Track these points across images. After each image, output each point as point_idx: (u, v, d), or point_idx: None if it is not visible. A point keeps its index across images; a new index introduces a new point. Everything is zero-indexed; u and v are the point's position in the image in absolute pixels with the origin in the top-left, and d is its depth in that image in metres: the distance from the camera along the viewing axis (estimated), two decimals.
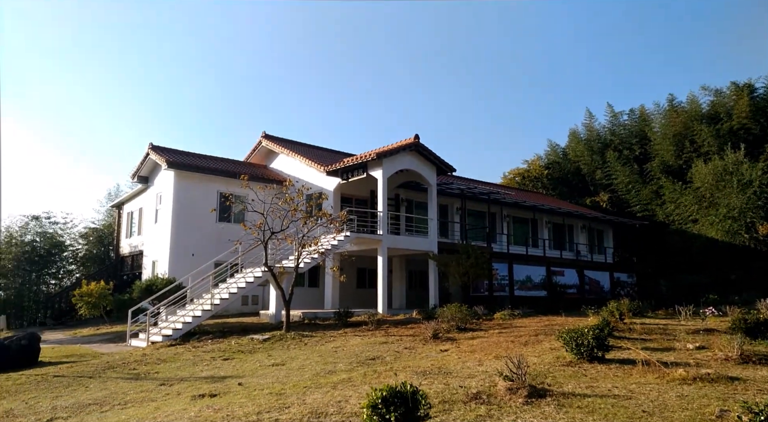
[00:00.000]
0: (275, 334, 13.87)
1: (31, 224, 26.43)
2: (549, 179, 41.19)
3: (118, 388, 9.11)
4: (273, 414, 6.17)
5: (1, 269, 24.88)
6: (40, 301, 25.18)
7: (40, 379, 10.30)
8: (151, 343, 14.19)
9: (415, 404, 4.65)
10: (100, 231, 29.77)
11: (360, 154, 20.05)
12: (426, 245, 20.35)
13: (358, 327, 15.00)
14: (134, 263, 24.94)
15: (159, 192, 22.54)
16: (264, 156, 25.84)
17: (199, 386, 8.70)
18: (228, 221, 21.87)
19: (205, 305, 15.67)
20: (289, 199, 15.58)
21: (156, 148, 22.13)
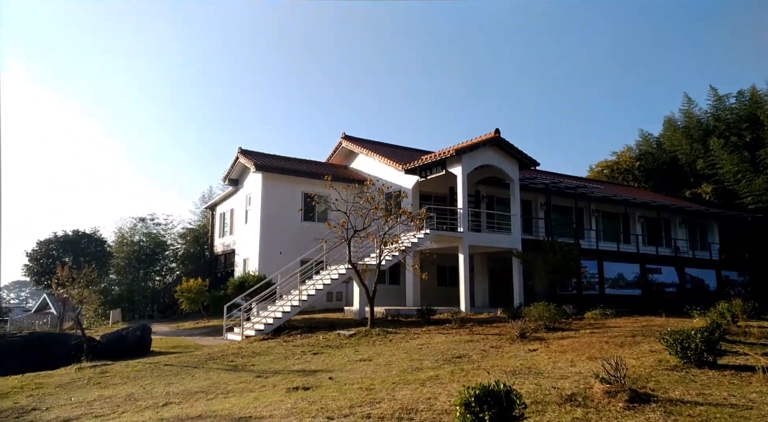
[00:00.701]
0: (360, 330, 14.24)
1: (138, 225, 28.92)
2: (641, 170, 38.86)
3: (219, 378, 9.79)
4: (365, 408, 6.39)
5: (116, 266, 27.41)
6: (147, 296, 27.42)
7: (153, 367, 11.29)
8: (245, 337, 15.05)
9: (510, 403, 4.64)
10: (196, 231, 31.89)
11: (438, 151, 20.05)
12: (509, 242, 19.97)
13: (442, 324, 15.05)
14: (227, 261, 26.53)
15: (248, 194, 23.80)
16: (344, 157, 26.51)
17: (292, 379, 9.15)
18: (312, 220, 22.69)
19: (294, 301, 16.38)
20: (370, 198, 15.92)
21: (245, 152, 23.39)
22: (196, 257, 30.58)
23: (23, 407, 8.26)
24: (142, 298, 26.80)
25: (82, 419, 7.17)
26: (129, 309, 25.92)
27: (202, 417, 6.72)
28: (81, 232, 26.78)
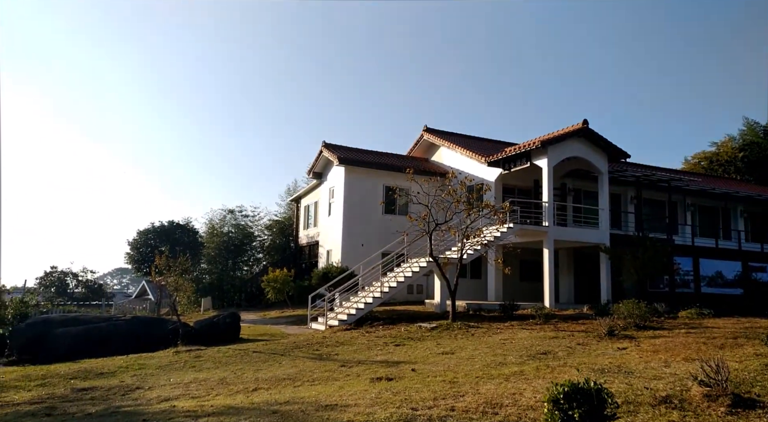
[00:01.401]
0: (442, 323, 14.17)
1: (227, 217, 30.52)
2: (745, 162, 35.59)
3: (305, 366, 10.10)
4: (448, 401, 6.33)
5: (207, 256, 29.13)
6: (236, 285, 28.89)
7: (243, 353, 11.87)
8: (328, 327, 15.45)
9: (601, 402, 4.42)
10: (281, 223, 33.14)
11: (523, 143, 19.43)
12: (596, 236, 19.04)
13: (525, 320, 14.64)
14: (311, 253, 27.37)
15: (331, 187, 24.38)
16: (425, 149, 26.42)
17: (375, 369, 9.26)
18: (393, 213, 22.84)
19: (375, 292, 16.59)
20: (452, 191, 15.74)
21: (329, 146, 23.97)
22: (281, 248, 31.76)
23: (128, 385, 8.97)
24: (230, 287, 28.26)
25: (180, 399, 7.65)
26: (219, 297, 27.44)
27: (290, 403, 6.95)
28: (175, 223, 28.67)
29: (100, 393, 8.41)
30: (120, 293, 52.97)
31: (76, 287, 28.22)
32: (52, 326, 13.95)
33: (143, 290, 39.87)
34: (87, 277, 29.88)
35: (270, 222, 33.27)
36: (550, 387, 4.72)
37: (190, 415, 6.41)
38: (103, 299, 31.62)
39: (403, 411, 6.01)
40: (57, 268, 28.47)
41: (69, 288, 27.77)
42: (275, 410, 6.52)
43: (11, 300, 16.54)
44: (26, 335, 13.53)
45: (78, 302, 27.56)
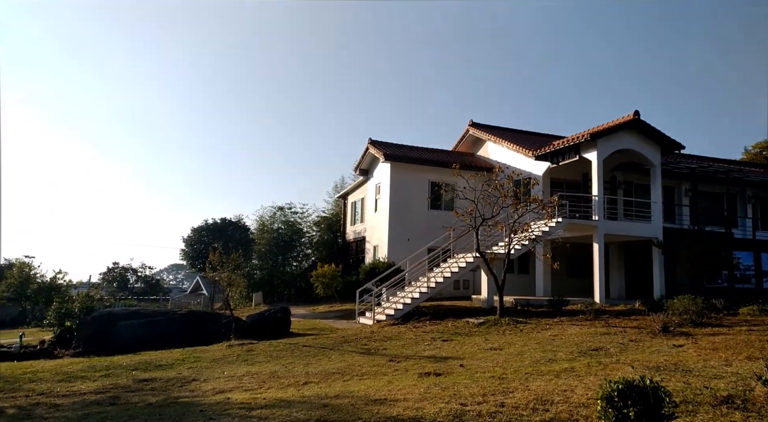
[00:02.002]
0: (489, 319, 14.05)
1: (277, 214, 31.20)
2: None
3: (354, 361, 10.24)
4: (498, 397, 6.30)
5: (258, 252, 29.90)
6: (285, 280, 29.54)
7: (293, 347, 12.15)
8: (376, 321, 15.60)
9: (658, 401, 4.29)
10: (329, 219, 33.59)
11: (571, 136, 18.94)
12: (648, 230, 18.37)
13: (575, 316, 14.32)
14: (358, 248, 27.65)
15: (377, 183, 24.54)
16: (471, 144, 26.17)
17: (423, 364, 9.29)
18: (439, 208, 22.78)
19: (422, 288, 16.62)
20: (499, 185, 15.55)
21: (374, 142, 24.12)
22: (329, 244, 32.17)
23: (185, 377, 9.35)
24: (280, 282, 28.90)
25: (234, 392, 7.92)
26: (269, 292, 28.12)
27: (340, 397, 7.07)
28: (228, 220, 29.55)
29: (160, 384, 8.82)
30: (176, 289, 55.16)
31: (136, 282, 29.60)
32: (115, 319, 14.70)
33: (197, 285, 41.36)
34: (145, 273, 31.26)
35: (318, 219, 33.77)
36: (603, 384, 4.62)
37: (244, 407, 6.64)
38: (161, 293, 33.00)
39: (452, 407, 6.02)
40: (118, 264, 29.94)
41: (129, 283, 29.16)
42: (325, 404, 6.66)
43: (78, 295, 17.54)
44: (91, 327, 14.31)
45: (138, 297, 28.90)
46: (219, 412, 6.38)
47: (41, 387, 8.97)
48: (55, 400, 7.88)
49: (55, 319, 15.69)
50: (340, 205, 31.85)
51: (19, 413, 7.15)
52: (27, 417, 6.85)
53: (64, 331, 14.91)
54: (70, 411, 7.06)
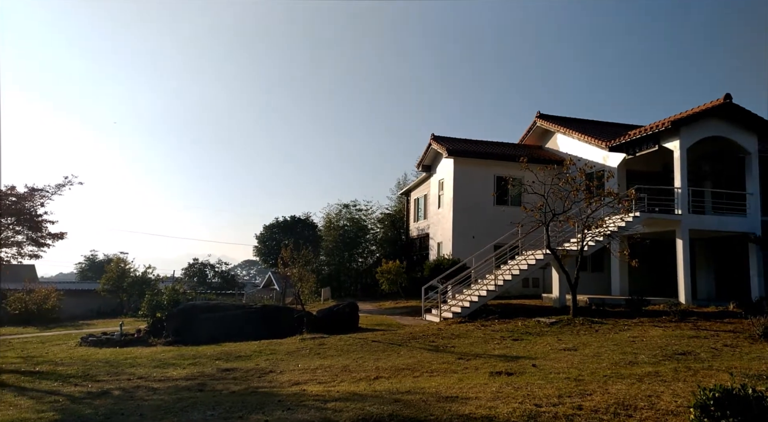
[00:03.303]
0: (562, 318, 13.59)
1: (342, 211, 31.72)
2: None
3: (422, 357, 10.23)
4: (574, 399, 6.08)
5: (325, 248, 30.55)
6: (352, 276, 30.00)
7: (362, 342, 12.30)
8: (443, 319, 15.48)
9: (763, 413, 3.95)
10: (392, 216, 33.75)
11: (650, 124, 17.90)
12: (743, 225, 17.06)
13: (657, 317, 13.56)
14: (421, 245, 27.59)
15: (441, 179, 24.35)
16: (539, 136, 25.38)
17: (493, 363, 9.13)
18: (505, 204, 22.28)
19: (489, 285, 16.32)
20: (570, 179, 14.97)
21: (437, 138, 23.93)
22: (393, 241, 32.35)
23: (263, 369, 9.70)
24: (347, 278, 29.37)
25: (309, 384, 8.13)
26: (336, 288, 28.65)
27: (411, 392, 7.09)
28: (297, 218, 30.36)
29: (240, 374, 9.21)
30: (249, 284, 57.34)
31: (213, 277, 31.08)
32: (198, 312, 15.51)
33: (269, 280, 42.82)
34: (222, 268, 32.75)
35: (382, 215, 34.01)
36: (697, 392, 4.34)
37: (318, 399, 6.79)
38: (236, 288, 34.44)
39: (526, 407, 5.88)
40: (198, 260, 31.57)
41: (207, 278, 30.68)
42: (397, 399, 6.69)
43: (165, 288, 18.71)
44: (178, 319, 15.19)
45: (215, 291, 30.36)
46: (296, 403, 6.56)
47: (140, 372, 9.66)
48: (152, 384, 8.45)
49: (148, 310, 16.90)
50: (403, 202, 31.89)
51: (123, 394, 7.73)
52: (130, 398, 7.38)
53: (156, 321, 15.98)
54: (166, 394, 7.53)
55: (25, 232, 12.84)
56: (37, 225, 12.89)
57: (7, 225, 12.49)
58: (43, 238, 13.18)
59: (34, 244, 13.07)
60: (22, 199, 12.55)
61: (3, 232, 12.51)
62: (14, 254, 13.03)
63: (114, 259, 32.93)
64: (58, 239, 13.60)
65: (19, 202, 12.54)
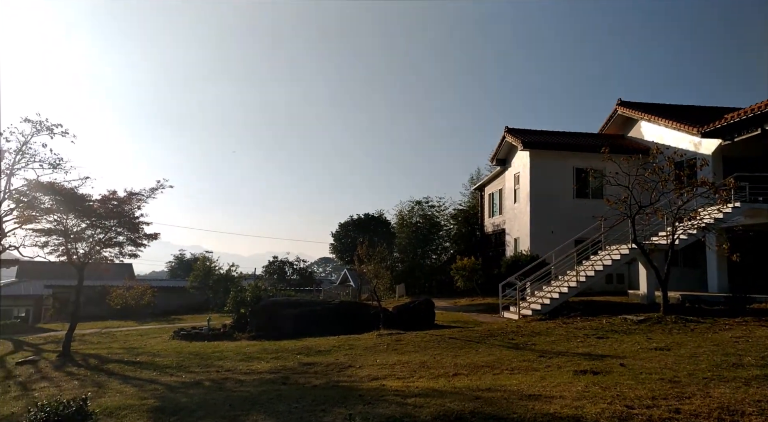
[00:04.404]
0: (651, 316, 12.80)
1: (415, 208, 31.72)
2: None
3: (502, 355, 10.01)
4: (671, 402, 5.70)
5: (399, 246, 30.69)
6: (426, 273, 29.91)
7: (439, 339, 12.23)
8: (521, 316, 15.10)
9: None
10: (466, 212, 33.32)
11: (750, 106, 16.38)
12: None
13: (763, 316, 12.43)
14: (497, 241, 27.03)
15: (516, 172, 23.72)
16: (620, 125, 24.07)
17: (577, 362, 8.76)
18: (586, 196, 21.35)
19: (570, 282, 15.70)
20: (657, 168, 14.05)
21: (511, 130, 23.33)
22: (467, 237, 31.92)
23: (342, 363, 9.89)
24: (421, 275, 29.32)
25: (387, 379, 8.19)
26: (410, 284, 28.69)
27: (492, 390, 6.95)
28: (370, 215, 30.70)
29: (321, 368, 9.45)
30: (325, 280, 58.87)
31: (292, 274, 32.19)
32: (279, 308, 16.12)
33: (345, 277, 43.73)
34: (300, 266, 33.85)
35: (455, 211, 33.66)
36: None
37: (398, 394, 6.82)
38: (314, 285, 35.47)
39: (616, 408, 5.58)
40: (277, 258, 32.85)
41: (286, 275, 31.84)
42: (477, 396, 6.59)
43: (248, 285, 19.63)
44: (261, 314, 15.87)
45: (294, 288, 31.44)
46: (376, 398, 6.63)
47: (227, 365, 10.19)
48: (239, 376, 8.89)
49: (233, 306, 17.84)
50: (477, 197, 31.39)
51: (213, 385, 8.19)
52: (220, 389, 7.81)
53: (240, 317, 16.81)
54: (252, 386, 7.89)
55: (125, 233, 13.90)
56: (135, 226, 13.92)
57: (110, 227, 13.58)
58: (140, 238, 14.20)
59: (133, 244, 14.11)
60: (122, 203, 13.58)
61: (107, 233, 13.60)
62: (116, 253, 14.14)
63: (200, 258, 34.98)
64: (153, 239, 14.60)
65: (120, 205, 13.58)
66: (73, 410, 5.32)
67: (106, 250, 13.91)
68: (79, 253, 13.43)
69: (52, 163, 25.08)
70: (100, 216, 13.30)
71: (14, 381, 9.46)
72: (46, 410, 5.25)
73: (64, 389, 8.46)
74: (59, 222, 13.16)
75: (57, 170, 24.95)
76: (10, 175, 24.56)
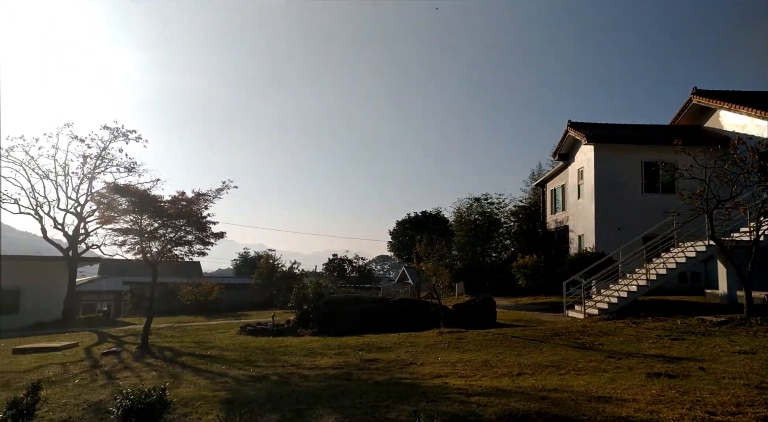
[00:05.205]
0: (733, 317, 12.03)
1: (474, 205, 31.30)
2: None
3: (567, 355, 9.70)
4: (758, 409, 5.34)
5: (457, 243, 30.41)
6: (485, 271, 29.45)
7: (501, 338, 12.01)
8: (587, 315, 14.58)
9: None
10: (527, 209, 32.53)
11: None
12: None
13: None
14: (560, 238, 26.23)
15: (580, 167, 22.91)
16: (695, 115, 22.74)
17: (650, 364, 8.37)
18: (655, 191, 20.34)
19: (640, 280, 15.01)
20: (738, 160, 13.14)
21: (574, 124, 22.55)
22: (528, 234, 31.17)
23: (404, 360, 9.90)
24: (480, 273, 28.90)
25: (450, 377, 8.12)
26: (470, 283, 28.34)
27: (558, 390, 6.75)
28: (427, 213, 30.59)
29: (383, 365, 9.50)
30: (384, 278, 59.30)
31: (351, 272, 32.56)
32: (340, 304, 16.36)
33: (403, 275, 43.83)
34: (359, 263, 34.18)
35: (515, 208, 32.96)
36: None
37: (462, 393, 6.76)
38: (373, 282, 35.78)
39: (696, 414, 5.29)
40: (336, 256, 33.32)
41: (346, 273, 32.24)
42: (543, 396, 6.42)
43: (310, 282, 20.07)
44: (323, 311, 16.15)
45: (354, 285, 31.81)
46: (439, 396, 6.60)
47: (292, 360, 10.45)
48: (304, 371, 9.09)
49: (296, 303, 18.30)
50: (538, 193, 30.58)
51: (279, 379, 8.43)
52: (285, 383, 8.02)
53: (303, 313, 17.20)
54: (316, 381, 8.05)
55: (193, 232, 14.53)
56: (203, 226, 14.51)
57: (179, 226, 14.24)
58: (207, 237, 14.79)
59: (201, 243, 14.73)
60: (191, 203, 14.19)
61: (177, 232, 14.27)
62: (186, 252, 14.80)
63: (264, 256, 36.09)
64: (219, 237, 15.17)
65: (188, 206, 14.20)
66: (153, 399, 5.67)
67: (177, 248, 14.57)
68: (152, 251, 14.15)
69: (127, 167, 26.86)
70: (170, 216, 13.96)
71: (100, 370, 10.11)
72: (131, 398, 5.64)
73: (144, 379, 8.96)
74: (135, 222, 13.91)
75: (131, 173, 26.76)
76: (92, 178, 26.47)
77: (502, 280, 28.12)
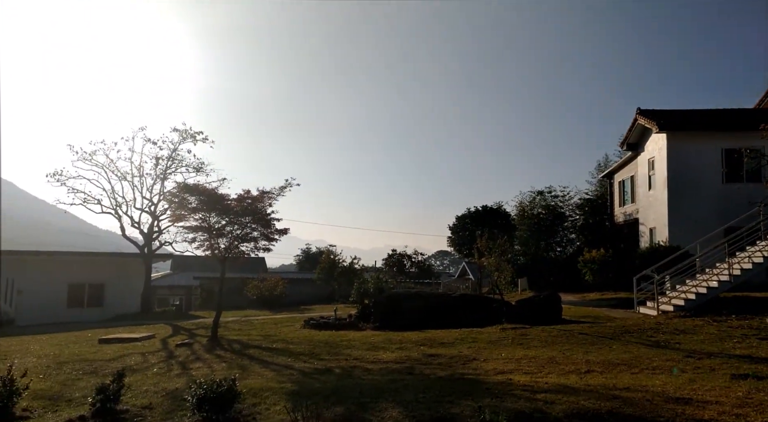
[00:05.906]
0: None
1: (536, 198, 30.46)
2: None
3: (640, 353, 9.25)
4: None
5: (519, 238, 29.70)
6: (550, 265, 28.56)
7: (567, 334, 11.62)
8: (661, 312, 13.86)
9: None
10: (593, 201, 31.30)
11: None
12: None
13: None
14: (629, 231, 25.03)
15: (650, 157, 21.76)
16: None
17: (735, 364, 7.84)
18: (738, 180, 18.98)
19: (721, 275, 14.08)
20: None
21: (644, 112, 21.40)
22: (594, 228, 29.99)
23: (466, 356, 9.76)
24: (544, 268, 28.06)
25: (514, 374, 7.93)
26: (533, 278, 27.58)
27: (631, 390, 6.45)
28: (488, 207, 30.05)
29: (445, 360, 9.42)
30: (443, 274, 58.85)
31: (410, 267, 32.58)
32: (400, 299, 16.40)
33: (464, 270, 43.35)
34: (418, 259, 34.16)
35: (581, 201, 31.78)
36: None
37: (527, 389, 6.58)
38: (432, 278, 35.63)
39: None
40: (396, 251, 33.45)
41: (405, 268, 32.31)
42: (614, 395, 6.16)
43: (371, 277, 20.29)
44: (384, 306, 16.24)
45: (413, 280, 31.83)
46: (503, 392, 6.45)
47: (355, 354, 10.58)
48: (366, 365, 9.17)
49: (357, 297, 18.54)
50: (605, 185, 29.32)
51: (342, 372, 8.55)
52: (349, 377, 8.12)
53: (364, 308, 17.41)
54: (379, 375, 8.10)
55: (259, 229, 14.99)
56: (268, 223, 14.94)
57: (245, 223, 14.74)
58: (272, 233, 15.21)
59: (266, 239, 15.18)
60: (256, 201, 14.65)
61: (243, 229, 14.78)
62: (252, 248, 15.31)
63: (325, 252, 36.75)
64: (283, 234, 15.57)
65: (253, 203, 14.66)
66: (224, 389, 5.92)
67: (243, 245, 15.08)
68: (220, 248, 14.71)
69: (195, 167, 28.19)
70: (237, 214, 14.46)
71: (175, 361, 10.65)
72: (204, 387, 5.93)
73: (215, 369, 9.34)
74: (204, 220, 14.52)
75: (200, 173, 28.05)
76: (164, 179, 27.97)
77: (567, 275, 27.18)
